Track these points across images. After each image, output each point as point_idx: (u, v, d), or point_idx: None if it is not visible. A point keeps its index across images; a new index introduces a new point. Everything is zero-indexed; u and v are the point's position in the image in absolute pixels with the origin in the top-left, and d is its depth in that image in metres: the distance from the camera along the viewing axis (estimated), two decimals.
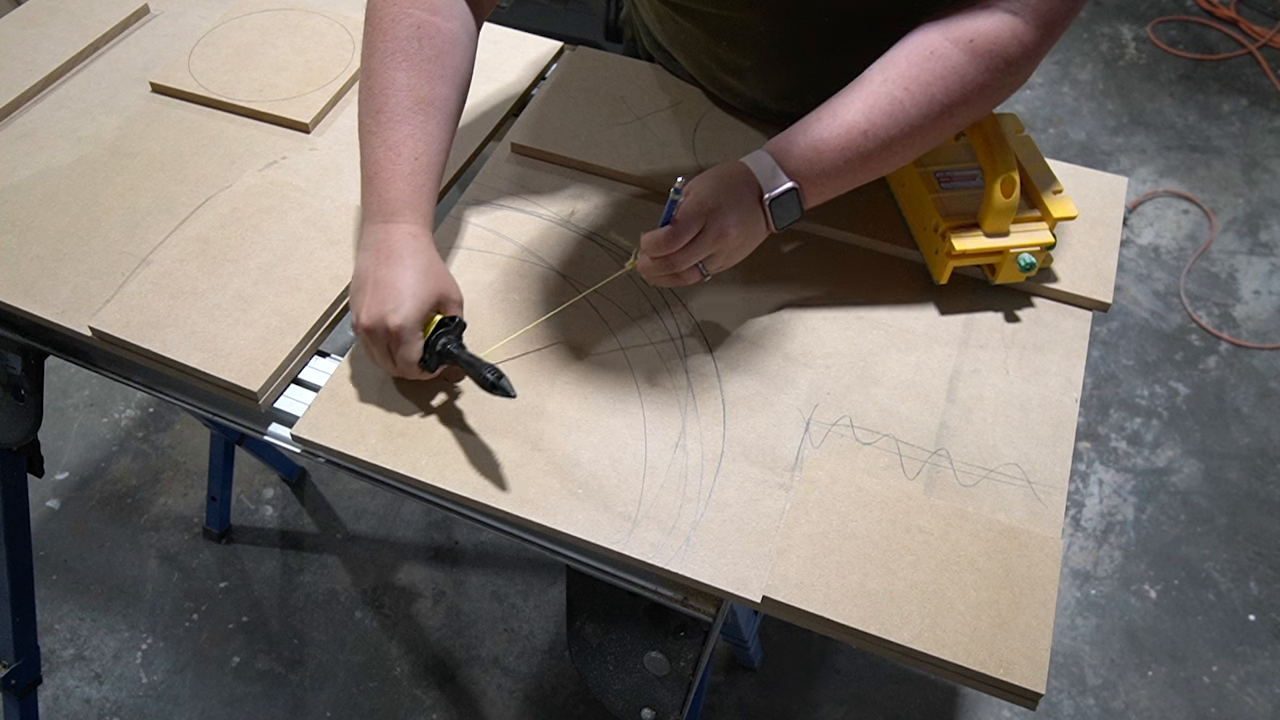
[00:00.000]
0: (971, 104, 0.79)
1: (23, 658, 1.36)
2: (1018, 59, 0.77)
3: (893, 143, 0.80)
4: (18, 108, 1.10)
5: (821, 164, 0.81)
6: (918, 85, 0.78)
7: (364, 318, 0.79)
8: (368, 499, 1.82)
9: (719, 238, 0.80)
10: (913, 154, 0.83)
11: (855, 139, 0.80)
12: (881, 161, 0.82)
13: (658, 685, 0.80)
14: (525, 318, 0.91)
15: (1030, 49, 0.77)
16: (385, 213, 0.81)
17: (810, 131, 0.81)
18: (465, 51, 0.87)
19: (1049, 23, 0.77)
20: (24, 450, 1.18)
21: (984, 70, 0.77)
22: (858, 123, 0.79)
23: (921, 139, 0.81)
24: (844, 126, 0.79)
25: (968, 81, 0.78)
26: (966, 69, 0.77)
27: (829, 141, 0.80)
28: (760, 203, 0.82)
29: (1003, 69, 0.77)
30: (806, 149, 0.81)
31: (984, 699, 1.58)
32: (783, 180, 0.81)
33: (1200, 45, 2.70)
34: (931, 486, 0.80)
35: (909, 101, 0.78)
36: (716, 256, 0.83)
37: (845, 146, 0.80)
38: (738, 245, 0.83)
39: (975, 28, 0.77)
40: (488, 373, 0.75)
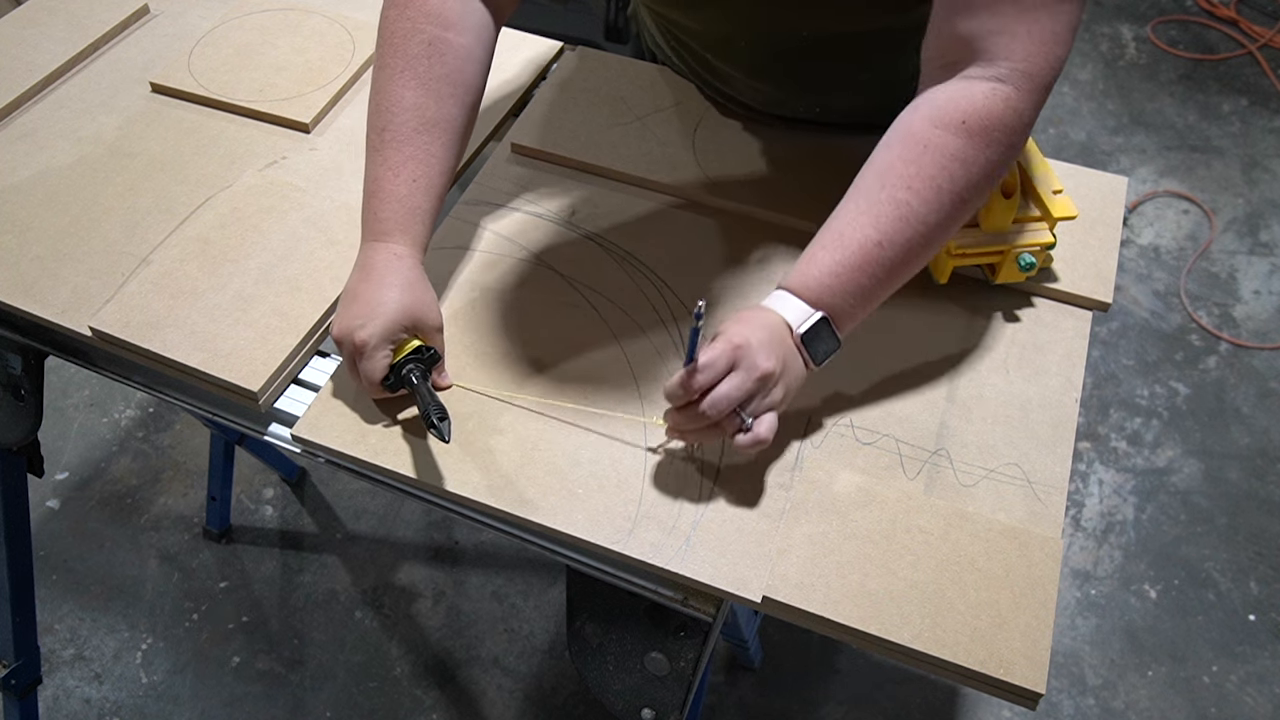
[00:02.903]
0: (980, 185, 0.74)
1: (23, 658, 1.36)
2: (1016, 127, 0.72)
3: (911, 246, 0.74)
4: (18, 108, 1.10)
5: (844, 288, 0.74)
6: (920, 182, 0.73)
7: (335, 329, 0.81)
8: (368, 499, 1.82)
9: (757, 377, 0.71)
10: (936, 249, 0.77)
11: (871, 253, 0.74)
12: (906, 266, 0.75)
13: (658, 685, 0.80)
14: (525, 318, 0.91)
15: (1025, 113, 0.72)
16: (376, 232, 0.82)
17: (823, 258, 0.75)
18: (478, 66, 0.86)
19: (1039, 84, 0.72)
20: (24, 450, 1.18)
21: (985, 149, 0.72)
22: (870, 236, 0.73)
23: (940, 234, 0.75)
24: (856, 244, 0.74)
25: (971, 164, 0.72)
26: (967, 152, 0.72)
27: (845, 264, 0.74)
28: (794, 339, 0.75)
29: (1004, 141, 0.72)
30: (825, 276, 0.74)
31: (984, 699, 1.58)
32: (809, 312, 0.75)
33: (1200, 45, 2.70)
34: (931, 486, 0.80)
35: (916, 202, 0.73)
36: (758, 399, 0.73)
37: (863, 264, 0.74)
38: (780, 387, 0.74)
39: (964, 107, 0.72)
40: (433, 413, 0.76)
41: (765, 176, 1.02)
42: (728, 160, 1.04)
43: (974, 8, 0.71)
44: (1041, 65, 0.71)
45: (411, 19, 0.83)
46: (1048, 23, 0.70)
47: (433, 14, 0.83)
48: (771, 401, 0.73)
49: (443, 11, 0.83)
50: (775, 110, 1.05)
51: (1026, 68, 0.71)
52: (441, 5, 0.83)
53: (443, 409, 0.76)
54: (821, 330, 0.75)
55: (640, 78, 1.13)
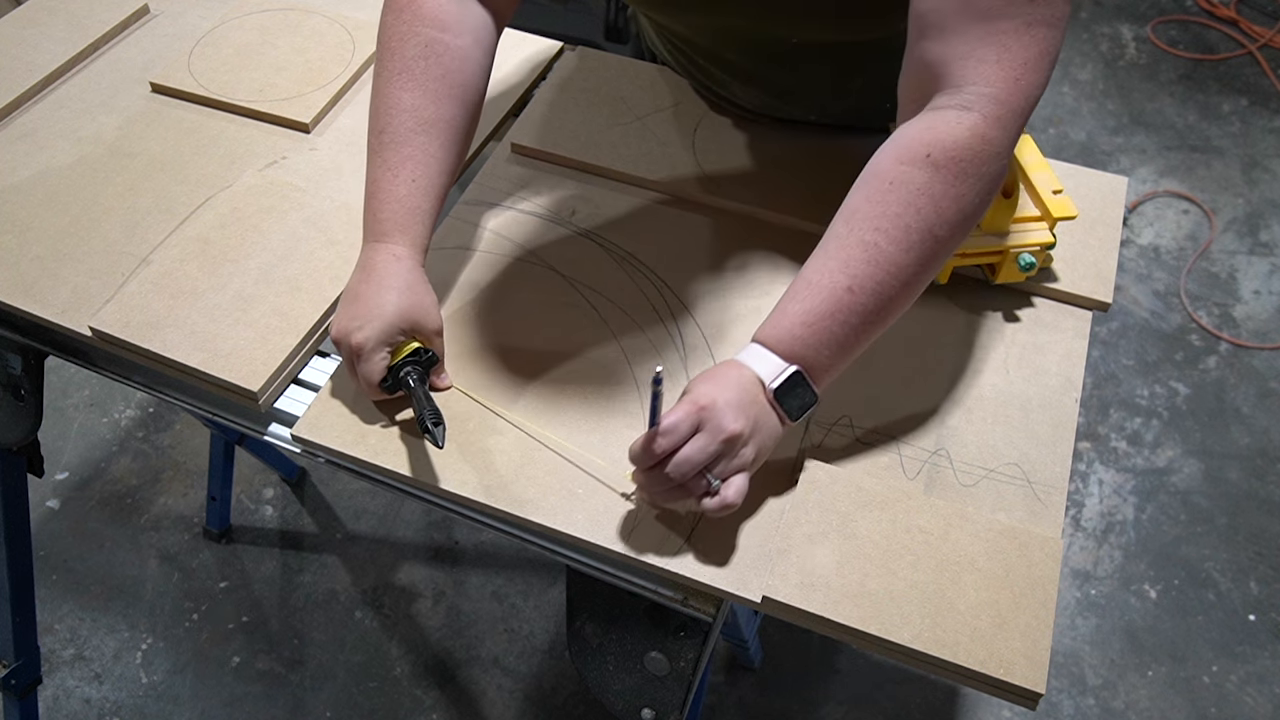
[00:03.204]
0: (954, 221, 0.70)
1: (23, 658, 1.36)
2: (985, 156, 0.69)
3: (884, 290, 0.70)
4: (18, 108, 1.10)
5: (817, 339, 0.71)
6: (887, 221, 0.69)
7: (333, 330, 0.81)
8: (368, 499, 1.82)
9: (723, 439, 0.69)
10: (916, 291, 0.73)
11: (842, 299, 0.70)
12: (882, 312, 0.72)
13: (658, 685, 0.80)
14: (525, 318, 0.91)
15: (995, 141, 0.69)
16: (376, 233, 0.82)
17: (793, 309, 0.72)
18: (477, 67, 0.86)
19: (1009, 110, 0.69)
20: (24, 450, 1.18)
21: (954, 181, 0.69)
22: (839, 282, 0.70)
23: (916, 274, 0.71)
24: (826, 292, 0.70)
25: (940, 199, 0.69)
26: (934, 187, 0.69)
27: (816, 312, 0.71)
28: (766, 396, 0.72)
29: (973, 173, 0.69)
30: (796, 327, 0.71)
31: (984, 699, 1.58)
32: (782, 366, 0.72)
33: (1200, 45, 2.70)
34: (931, 486, 0.80)
35: (884, 242, 0.69)
36: (724, 461, 0.70)
37: (834, 312, 0.70)
38: (749, 446, 0.71)
39: (929, 140, 0.69)
40: (428, 417, 0.75)
41: (765, 176, 1.02)
42: (728, 160, 1.04)
43: (942, 31, 0.69)
44: (1011, 92, 0.69)
45: (408, 23, 0.83)
46: (1018, 49, 0.68)
47: (428, 17, 0.83)
48: (740, 463, 0.71)
49: (438, 14, 0.83)
50: (771, 113, 1.05)
51: (994, 93, 0.69)
52: (437, 8, 0.83)
53: (438, 413, 0.76)
54: (796, 384, 0.72)
55: (640, 78, 1.13)
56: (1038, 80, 0.69)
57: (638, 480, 0.73)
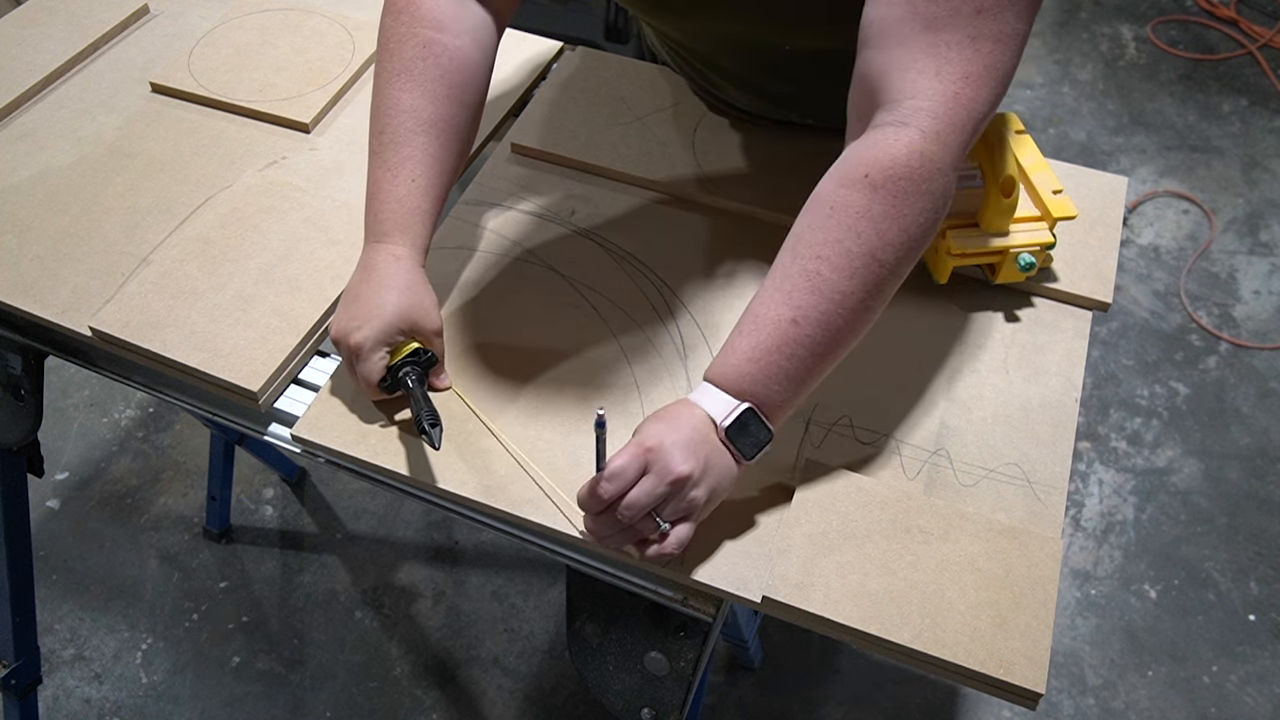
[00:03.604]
0: (896, 243, 0.68)
1: (23, 658, 1.36)
2: (924, 173, 0.66)
3: (829, 319, 0.68)
4: (18, 108, 1.10)
5: (765, 374, 0.69)
6: (828, 247, 0.68)
7: (333, 330, 0.81)
8: (368, 499, 1.82)
9: (672, 481, 0.67)
10: (870, 317, 0.71)
11: (787, 332, 0.68)
12: (831, 343, 0.69)
13: (658, 685, 0.80)
14: (525, 318, 0.91)
15: (934, 157, 0.67)
16: (377, 233, 0.82)
17: (740, 345, 0.70)
18: (476, 67, 0.86)
19: (949, 125, 0.67)
20: (24, 450, 1.18)
21: (894, 201, 0.67)
22: (783, 314, 0.68)
23: (861, 302, 0.69)
24: (771, 324, 0.69)
25: (880, 220, 0.67)
26: (872, 208, 0.67)
27: (762, 347, 0.69)
28: (718, 434, 0.70)
29: (914, 190, 0.67)
30: (744, 363, 0.70)
31: (984, 699, 1.58)
32: (733, 405, 0.70)
33: (1200, 45, 2.70)
34: (931, 486, 0.80)
35: (826, 269, 0.68)
36: (675, 505, 0.69)
37: (781, 345, 0.69)
38: (699, 488, 0.69)
39: (866, 160, 0.67)
40: (425, 419, 0.75)
41: (765, 176, 1.02)
42: (728, 160, 1.04)
43: (885, 40, 0.68)
44: (949, 106, 0.66)
45: (406, 24, 0.83)
46: (959, 63, 0.66)
47: (426, 18, 0.83)
48: (690, 505, 0.69)
49: (436, 15, 0.83)
50: (768, 116, 1.05)
51: (931, 107, 0.66)
52: (435, 9, 0.83)
53: (435, 415, 0.76)
54: (749, 422, 0.70)
55: (640, 78, 1.13)
56: (981, 96, 0.67)
57: (587, 524, 0.73)
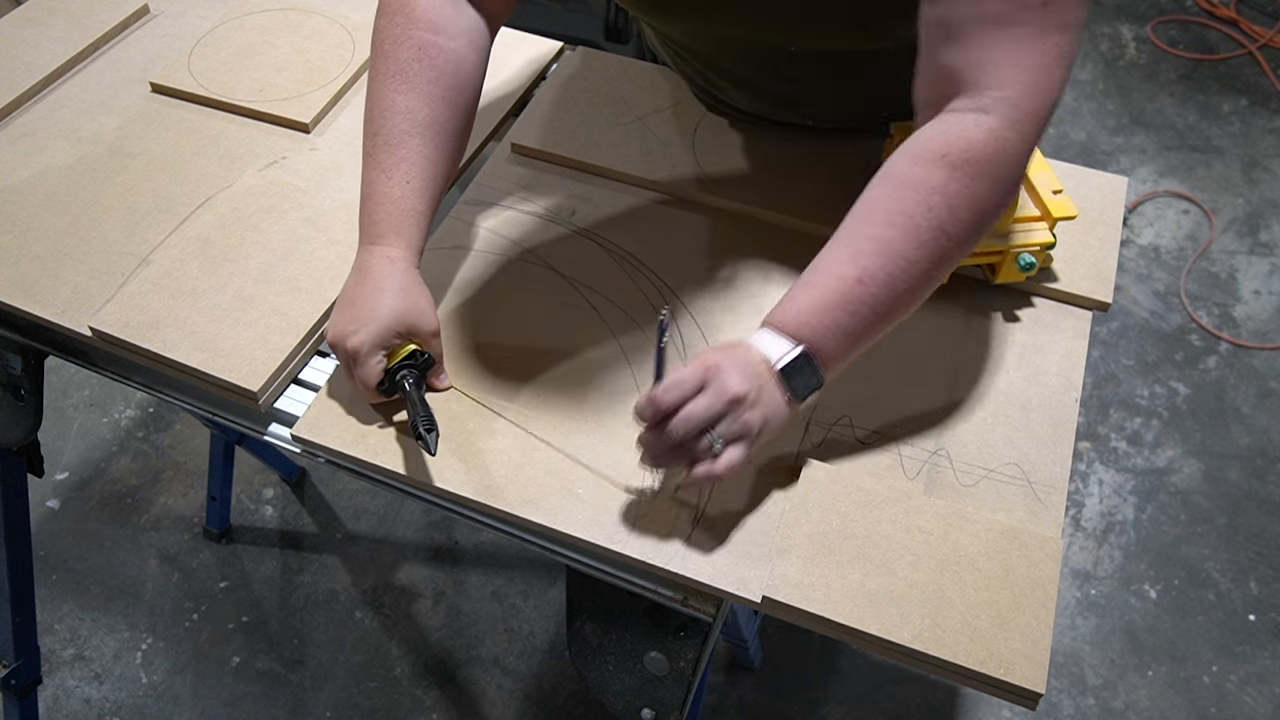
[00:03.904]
0: (967, 221, 0.71)
1: (23, 658, 1.36)
2: (1002, 159, 0.70)
3: (894, 283, 0.71)
4: (18, 108, 1.10)
5: (825, 326, 0.72)
6: (900, 217, 0.71)
7: (329, 334, 0.81)
8: (368, 499, 1.82)
9: (729, 398, 0.69)
10: (928, 288, 0.74)
11: (851, 290, 0.71)
12: (893, 305, 0.72)
13: (658, 685, 0.80)
14: (525, 318, 0.91)
15: (1012, 144, 0.69)
16: (371, 235, 0.82)
17: (803, 296, 0.73)
18: (471, 69, 0.86)
19: (1027, 114, 0.69)
20: (24, 450, 1.18)
21: (968, 182, 0.69)
22: (848, 273, 0.71)
23: (926, 271, 0.72)
24: (836, 280, 0.71)
25: (952, 196, 0.70)
26: (948, 185, 0.69)
27: (825, 301, 0.72)
28: (772, 374, 0.72)
29: (988, 174, 0.70)
30: (804, 313, 0.72)
31: (984, 699, 1.58)
32: (789, 347, 0.72)
33: (1200, 45, 2.70)
34: (931, 486, 0.80)
35: (895, 237, 0.71)
36: (727, 421, 0.70)
37: (843, 302, 0.71)
38: (755, 414, 0.71)
39: (946, 140, 0.70)
40: (421, 422, 0.75)
41: (765, 177, 1.02)
42: (728, 160, 1.04)
43: (959, 39, 0.70)
44: (1028, 96, 0.69)
45: (400, 26, 0.83)
46: (1035, 54, 0.68)
47: (421, 20, 0.83)
48: (743, 429, 0.70)
49: (432, 17, 0.83)
50: (769, 117, 1.05)
51: (1012, 98, 0.69)
52: (430, 10, 0.83)
53: (431, 420, 0.76)
54: (802, 365, 0.72)
55: (640, 78, 1.13)
56: (1055, 84, 0.69)
57: (641, 441, 0.73)
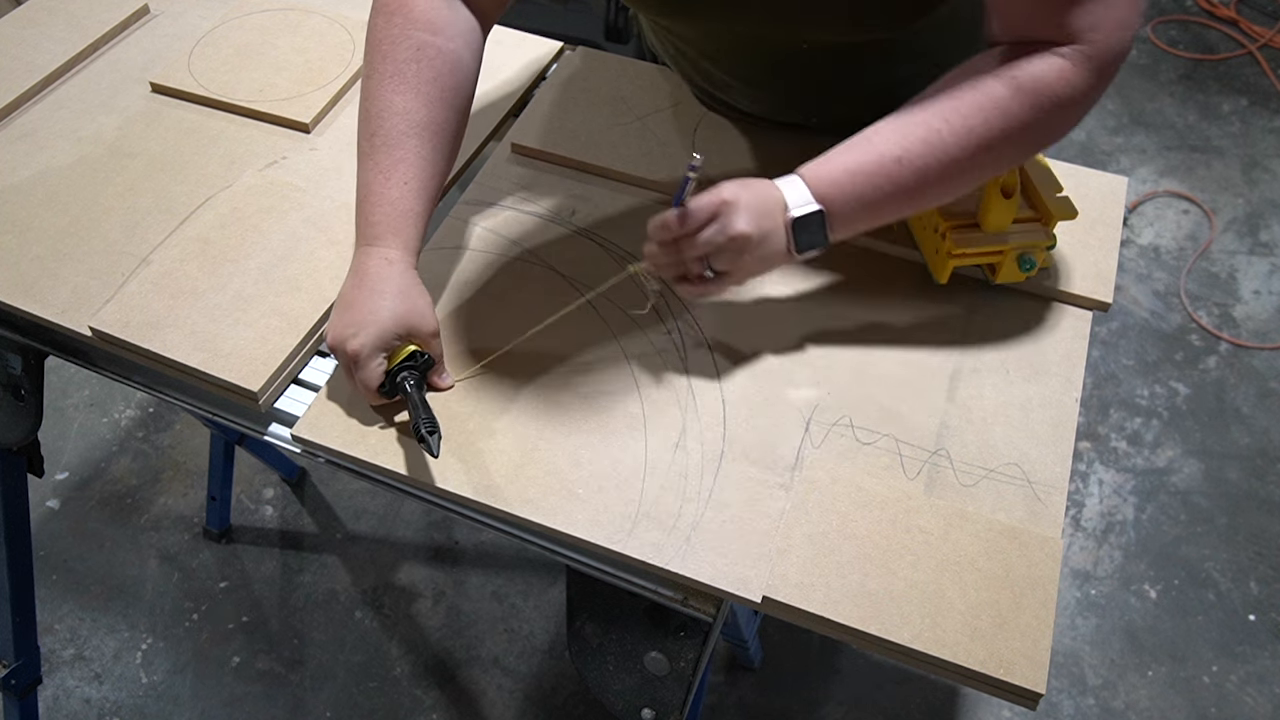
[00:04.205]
0: (1014, 142, 0.75)
1: (23, 658, 1.36)
2: (1065, 100, 0.73)
3: (928, 174, 0.75)
4: (18, 108, 1.10)
5: (852, 191, 0.76)
6: (957, 117, 0.74)
7: (329, 337, 0.81)
8: (368, 499, 1.82)
9: (731, 236, 0.75)
10: (953, 190, 0.78)
11: (888, 167, 0.75)
12: (917, 194, 0.77)
13: (658, 685, 0.80)
14: (525, 318, 0.91)
15: (1080, 92, 0.73)
16: (369, 236, 0.82)
17: (842, 157, 0.77)
18: (467, 70, 0.86)
19: (1100, 66, 0.73)
20: (24, 450, 1.18)
21: (1029, 107, 0.73)
22: (891, 151, 0.75)
23: (960, 174, 0.76)
24: (877, 154, 0.75)
25: (1010, 117, 0.73)
26: (1010, 104, 0.73)
27: (860, 169, 0.76)
28: (784, 219, 0.77)
29: (1048, 108, 0.73)
30: (837, 174, 0.77)
31: (984, 699, 1.58)
32: (810, 202, 0.77)
33: (1200, 45, 2.70)
34: (931, 486, 0.80)
35: (947, 132, 0.74)
36: (725, 256, 0.77)
37: (876, 174, 0.75)
38: (751, 252, 0.77)
39: (1021, 64, 0.73)
40: (423, 424, 0.75)
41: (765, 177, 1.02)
42: (728, 160, 1.03)
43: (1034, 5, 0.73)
44: (1101, 50, 0.72)
45: (399, 26, 0.83)
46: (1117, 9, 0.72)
47: (419, 20, 0.83)
48: (739, 263, 0.77)
49: (430, 17, 0.83)
50: (773, 117, 1.05)
51: (1087, 50, 0.72)
52: (428, 11, 0.83)
53: (433, 421, 0.76)
54: (813, 222, 0.77)
55: (640, 78, 1.13)
56: (1126, 41, 0.73)
57: (648, 250, 0.80)
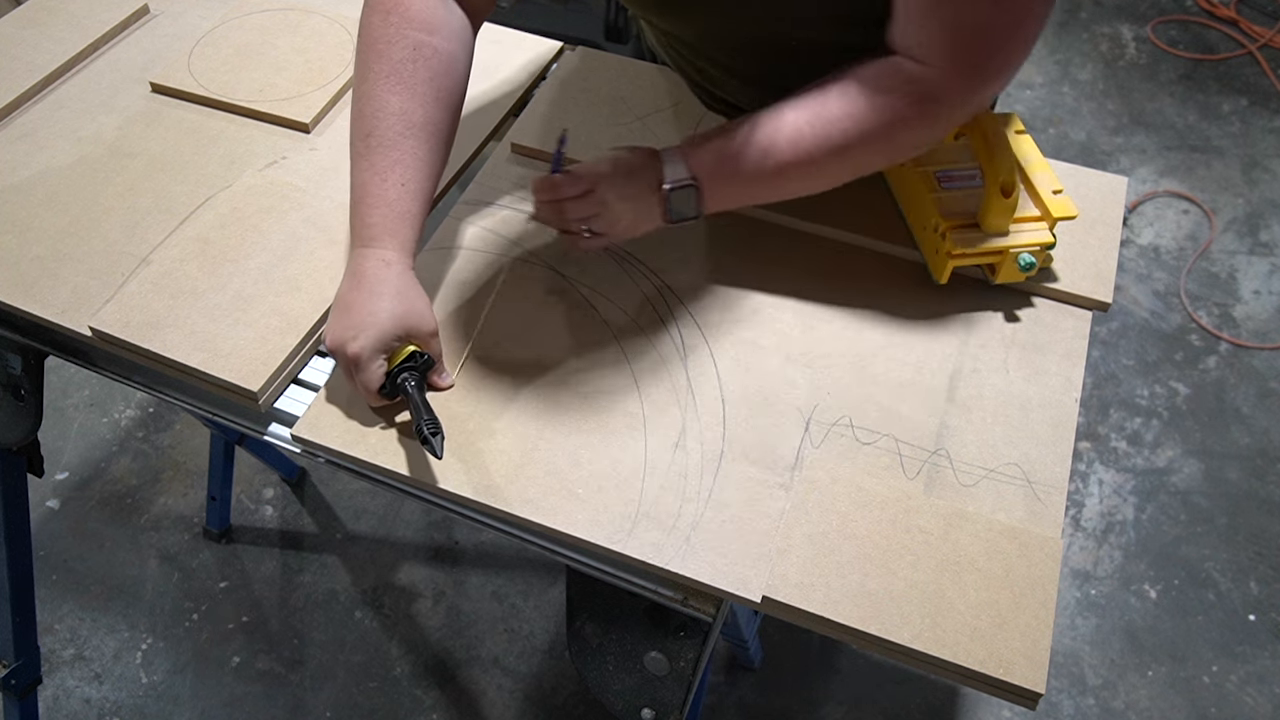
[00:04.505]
0: (869, 149, 0.79)
1: (23, 658, 1.36)
2: (914, 120, 0.77)
3: (790, 169, 0.81)
4: (18, 108, 1.10)
5: (722, 171, 0.82)
6: (821, 122, 0.78)
7: (328, 340, 0.81)
8: (368, 499, 1.82)
9: (603, 204, 0.84)
10: (813, 185, 0.83)
11: (756, 157, 0.81)
12: (781, 185, 0.83)
13: (658, 685, 0.80)
14: (526, 318, 0.91)
15: (929, 114, 0.77)
16: (365, 238, 0.82)
17: (721, 137, 0.82)
18: (462, 70, 0.87)
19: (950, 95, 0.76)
20: (24, 450, 1.18)
21: (884, 123, 0.77)
22: (760, 143, 0.80)
23: (819, 173, 0.81)
24: (748, 142, 0.81)
25: (865, 128, 0.78)
26: (866, 115, 0.77)
27: (732, 153, 0.81)
28: (659, 189, 0.83)
29: (900, 125, 0.77)
30: (712, 153, 0.82)
31: (984, 699, 1.58)
32: (684, 175, 0.83)
33: (1200, 45, 2.70)
34: (931, 486, 0.80)
35: (809, 134, 0.79)
36: (599, 223, 0.86)
37: (744, 161, 0.81)
38: (623, 220, 0.85)
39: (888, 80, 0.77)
40: (426, 425, 0.75)
41: None
42: None
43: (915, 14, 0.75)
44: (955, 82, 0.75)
45: (395, 25, 0.83)
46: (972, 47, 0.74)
47: (415, 19, 0.83)
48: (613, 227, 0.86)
49: (426, 16, 0.83)
50: None
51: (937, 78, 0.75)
52: (424, 10, 0.83)
53: (436, 423, 0.76)
54: (687, 195, 0.83)
55: (640, 78, 1.13)
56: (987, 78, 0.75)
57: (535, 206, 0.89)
